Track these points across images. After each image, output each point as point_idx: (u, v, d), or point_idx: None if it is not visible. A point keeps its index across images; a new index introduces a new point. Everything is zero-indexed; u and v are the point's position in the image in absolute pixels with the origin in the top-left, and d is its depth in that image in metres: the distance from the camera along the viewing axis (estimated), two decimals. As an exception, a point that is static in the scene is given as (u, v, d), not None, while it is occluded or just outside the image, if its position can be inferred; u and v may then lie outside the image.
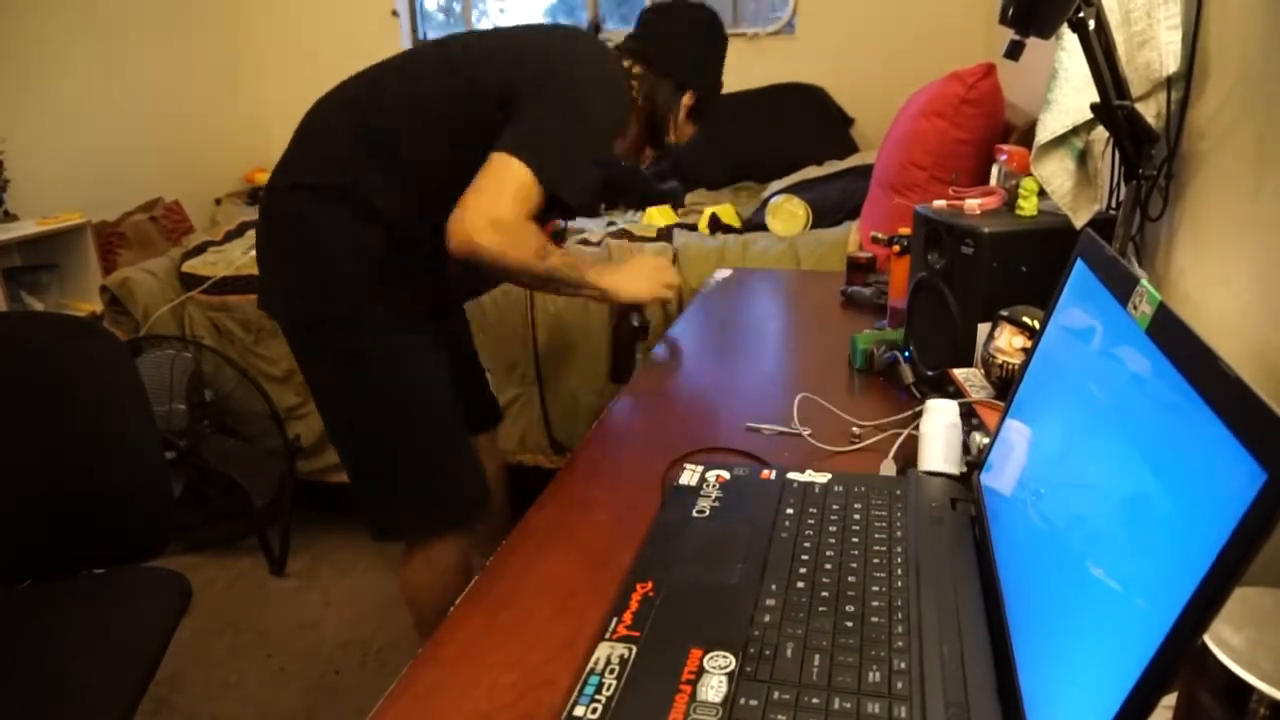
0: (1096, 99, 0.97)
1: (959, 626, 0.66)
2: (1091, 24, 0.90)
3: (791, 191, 2.54)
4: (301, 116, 1.36)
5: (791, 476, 0.90)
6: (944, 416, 0.93)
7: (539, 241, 1.24)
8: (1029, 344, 0.95)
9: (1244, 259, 0.86)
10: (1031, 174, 1.10)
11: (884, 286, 1.55)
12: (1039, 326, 0.79)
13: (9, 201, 2.72)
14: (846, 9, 3.36)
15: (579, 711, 0.59)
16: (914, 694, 0.59)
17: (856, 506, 0.83)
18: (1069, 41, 1.02)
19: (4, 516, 1.23)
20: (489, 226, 1.17)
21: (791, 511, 0.83)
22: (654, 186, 2.81)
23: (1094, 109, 0.99)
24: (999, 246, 1.04)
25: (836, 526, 0.80)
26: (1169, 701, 0.53)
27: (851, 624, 0.67)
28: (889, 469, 0.96)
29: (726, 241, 2.26)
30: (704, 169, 3.16)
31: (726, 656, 0.64)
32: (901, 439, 1.02)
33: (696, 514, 0.84)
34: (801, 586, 0.72)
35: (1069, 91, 1.05)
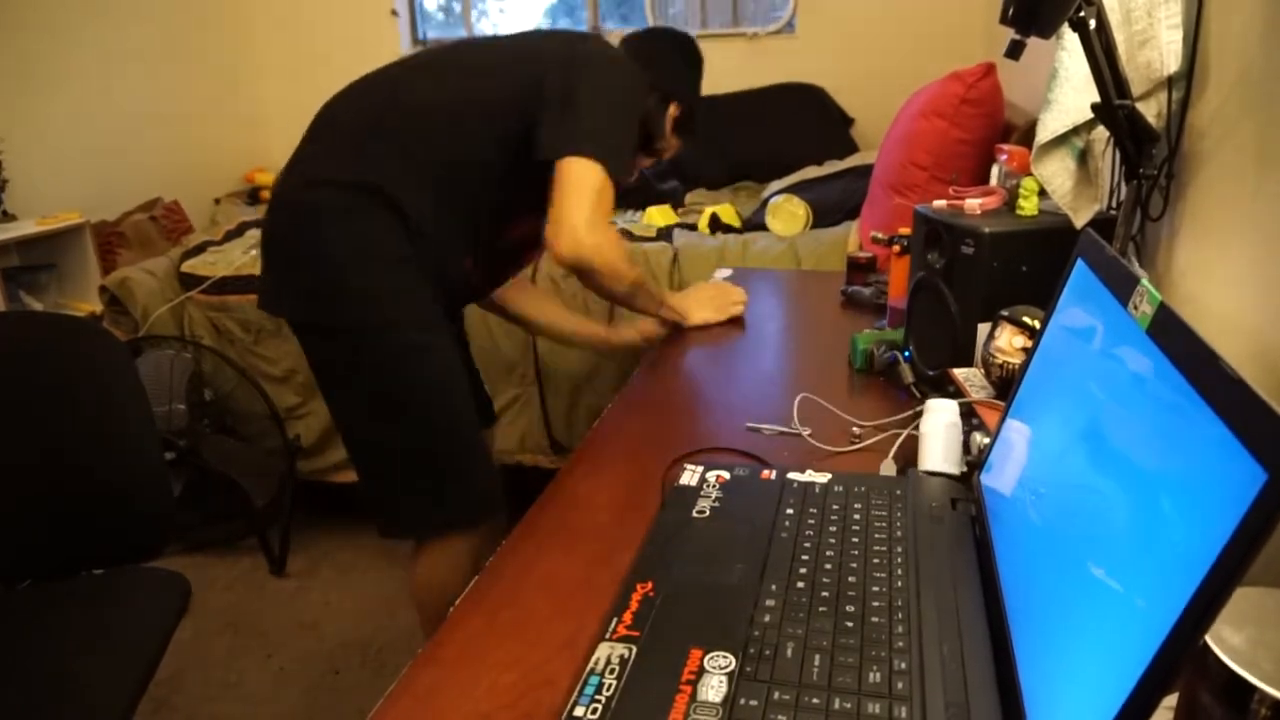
0: (1097, 98, 0.97)
1: (959, 626, 0.66)
2: (1092, 23, 0.90)
3: (791, 191, 2.54)
4: (301, 116, 1.36)
5: (791, 476, 0.90)
6: (944, 416, 0.93)
7: (623, 245, 1.28)
8: (1029, 344, 0.95)
9: (1245, 258, 0.86)
10: (1032, 174, 1.10)
11: (884, 286, 1.54)
12: (1039, 326, 0.79)
13: (8, 201, 2.71)
14: (846, 9, 3.36)
15: (579, 711, 0.59)
16: (914, 694, 0.59)
17: (856, 506, 0.83)
18: (1069, 41, 1.02)
19: (4, 516, 1.23)
20: (589, 230, 1.23)
21: (791, 511, 0.83)
22: (654, 186, 2.81)
23: (1094, 109, 0.99)
24: (999, 246, 1.04)
25: (836, 526, 0.80)
26: (1170, 702, 0.53)
27: (852, 624, 0.67)
28: (889, 469, 0.96)
29: (726, 241, 2.26)
30: (704, 169, 3.16)
31: (726, 656, 0.64)
32: (901, 439, 1.02)
33: (696, 514, 0.84)
34: (802, 586, 0.72)
35: (1069, 91, 1.05)
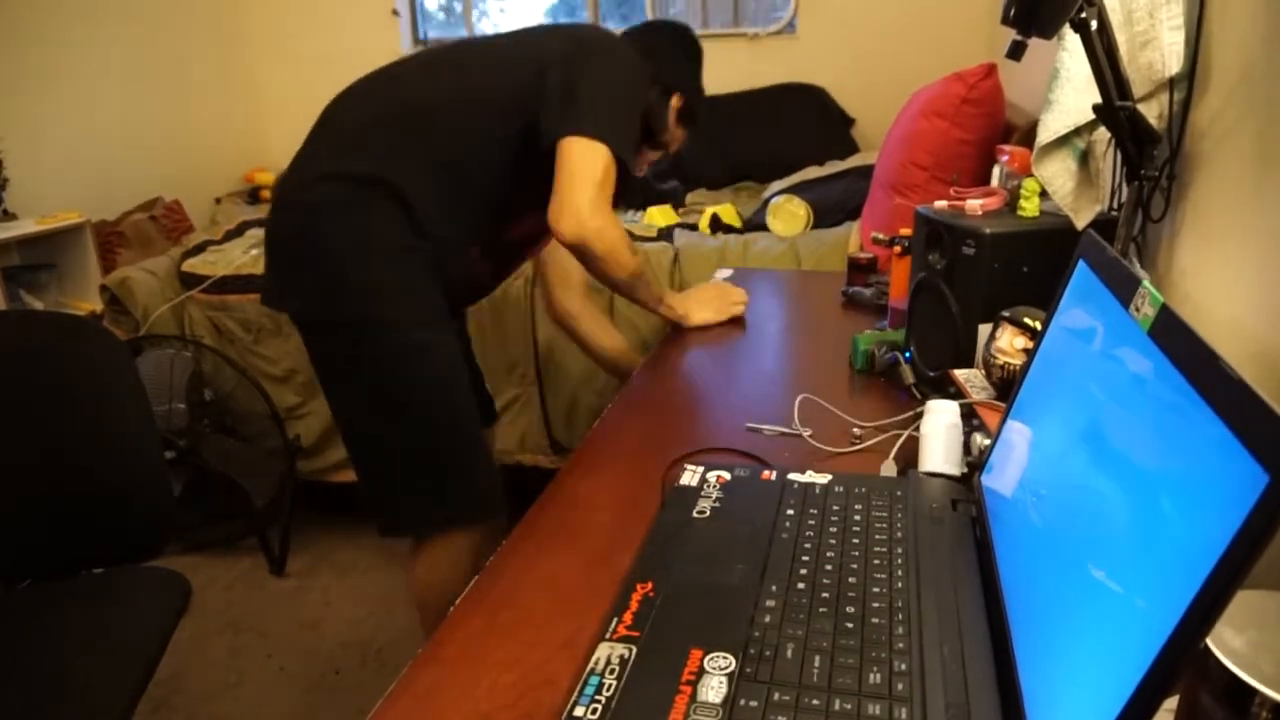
0: (1098, 99, 0.97)
1: (959, 628, 0.66)
2: (1093, 24, 0.90)
3: (792, 191, 2.54)
4: (301, 116, 1.36)
5: (792, 477, 0.90)
6: (945, 417, 0.93)
7: (624, 229, 1.29)
8: (1030, 345, 0.95)
9: (1246, 260, 0.86)
10: (1033, 174, 1.10)
11: (885, 287, 1.54)
12: (1040, 327, 0.79)
13: (8, 201, 2.71)
14: (847, 9, 3.36)
15: (579, 711, 0.59)
16: (914, 695, 0.59)
17: (857, 507, 0.83)
18: (1071, 42, 1.02)
19: (4, 516, 1.23)
20: (592, 213, 1.22)
21: (792, 512, 0.83)
22: (654, 186, 2.81)
23: (1096, 110, 0.99)
24: (1000, 247, 1.04)
25: (837, 527, 0.80)
26: (1170, 704, 0.53)
27: (852, 625, 0.67)
28: (889, 470, 0.96)
29: (727, 241, 2.26)
30: (704, 169, 3.16)
31: (727, 657, 0.64)
32: (902, 440, 1.02)
33: (697, 514, 0.84)
34: (802, 587, 0.72)
35: (1070, 92, 1.05)
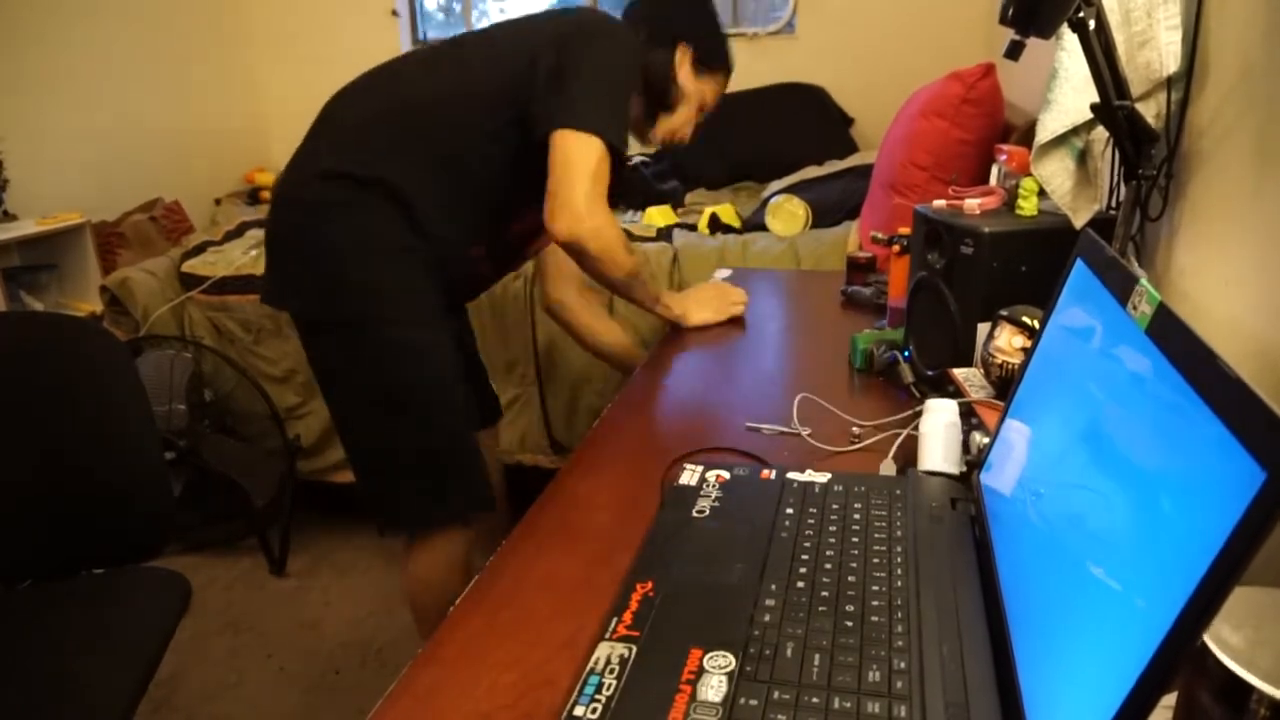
0: (1096, 99, 0.97)
1: (959, 626, 0.66)
2: (1091, 24, 0.90)
3: (791, 191, 2.54)
4: (301, 116, 1.36)
5: (791, 476, 0.90)
6: (944, 416, 0.93)
7: (620, 227, 1.27)
8: (1029, 344, 0.95)
9: (1244, 258, 0.86)
10: (1031, 174, 1.10)
11: (884, 286, 1.54)
12: (1039, 326, 0.79)
13: (8, 201, 2.71)
14: (846, 9, 3.36)
15: (579, 711, 0.59)
16: (914, 693, 0.59)
17: (856, 506, 0.83)
18: (1069, 41, 1.02)
19: (4, 516, 1.23)
20: (589, 211, 1.19)
21: (791, 511, 0.83)
22: (654, 186, 2.81)
23: (1094, 109, 0.99)
24: (999, 246, 1.04)
25: (836, 526, 0.80)
26: (1168, 701, 0.53)
27: (851, 624, 0.67)
28: (889, 469, 0.96)
29: (726, 241, 2.26)
30: (704, 169, 3.16)
31: (726, 656, 0.64)
32: (901, 439, 1.02)
33: (696, 514, 0.84)
34: (801, 586, 0.72)
35: (1069, 91, 1.05)
